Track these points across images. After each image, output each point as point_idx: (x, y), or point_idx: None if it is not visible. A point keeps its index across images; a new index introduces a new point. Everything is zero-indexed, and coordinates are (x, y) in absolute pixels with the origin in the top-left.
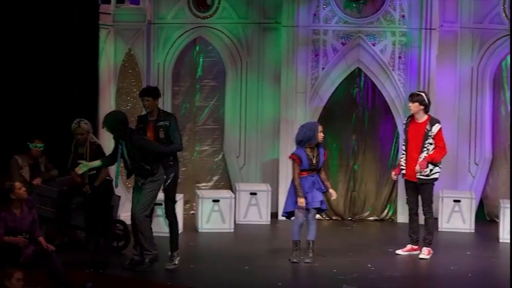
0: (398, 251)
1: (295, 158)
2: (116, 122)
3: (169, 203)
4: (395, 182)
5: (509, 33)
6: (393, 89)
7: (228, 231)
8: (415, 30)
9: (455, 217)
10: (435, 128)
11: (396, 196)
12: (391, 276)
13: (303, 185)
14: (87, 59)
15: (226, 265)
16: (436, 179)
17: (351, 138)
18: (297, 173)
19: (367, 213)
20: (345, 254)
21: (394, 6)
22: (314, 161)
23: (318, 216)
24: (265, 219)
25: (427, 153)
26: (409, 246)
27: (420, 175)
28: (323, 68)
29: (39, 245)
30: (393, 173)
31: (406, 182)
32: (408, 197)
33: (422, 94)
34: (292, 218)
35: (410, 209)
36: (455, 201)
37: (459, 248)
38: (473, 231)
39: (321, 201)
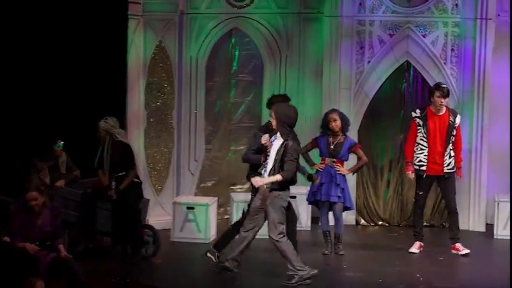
0: (413, 250)
1: (312, 140)
2: (284, 116)
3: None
4: None
5: None
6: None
7: (264, 236)
8: (470, 20)
9: None
10: (458, 120)
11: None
12: None
13: (320, 177)
14: (115, 52)
15: (263, 273)
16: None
17: (398, 137)
18: (304, 148)
19: None
20: (392, 263)
21: None
22: (332, 147)
23: (363, 221)
24: (305, 224)
25: (452, 146)
26: (418, 244)
27: (447, 169)
28: (369, 62)
29: (58, 253)
30: (409, 172)
31: (426, 177)
32: (423, 193)
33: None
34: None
35: (421, 205)
36: None
37: None
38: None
39: (339, 197)
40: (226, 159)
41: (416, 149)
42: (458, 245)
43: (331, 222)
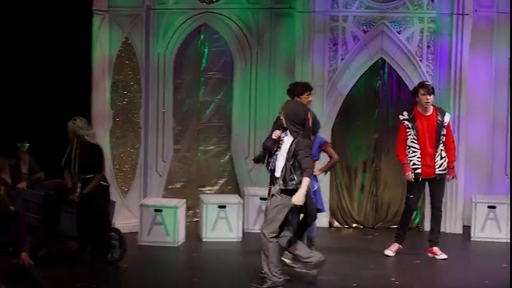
0: (388, 252)
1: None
2: (292, 114)
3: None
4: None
5: None
6: None
7: (236, 240)
8: (446, 15)
9: (490, 225)
10: (447, 118)
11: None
12: None
13: None
14: (79, 49)
15: (233, 279)
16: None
17: (373, 137)
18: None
19: (391, 220)
20: (366, 266)
21: None
22: None
23: (336, 224)
24: None
25: (442, 146)
26: (397, 246)
27: (439, 171)
28: (342, 59)
29: (19, 261)
30: (409, 172)
31: (418, 180)
32: (413, 196)
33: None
34: None
35: (412, 210)
36: (490, 207)
37: (494, 260)
38: (509, 240)
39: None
40: (196, 160)
41: (409, 152)
42: (436, 248)
43: None
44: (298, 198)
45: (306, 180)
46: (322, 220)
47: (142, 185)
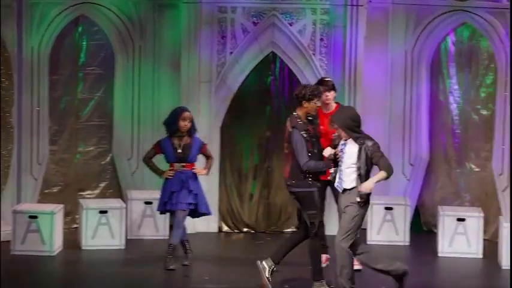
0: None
1: (154, 145)
2: (350, 121)
3: None
4: None
5: (449, 10)
6: (314, 77)
7: (119, 248)
8: (339, 7)
9: (387, 227)
10: None
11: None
12: None
13: (169, 185)
14: None
15: None
16: None
17: (264, 136)
18: (146, 156)
19: (284, 224)
20: (258, 273)
21: None
22: (180, 150)
23: (226, 228)
24: (163, 233)
25: None
26: (325, 256)
27: None
28: (231, 53)
29: None
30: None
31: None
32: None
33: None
34: None
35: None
36: (386, 208)
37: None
38: (407, 243)
39: (190, 204)
40: (74, 162)
41: None
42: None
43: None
44: (367, 186)
45: (381, 174)
46: (211, 225)
47: (15, 189)
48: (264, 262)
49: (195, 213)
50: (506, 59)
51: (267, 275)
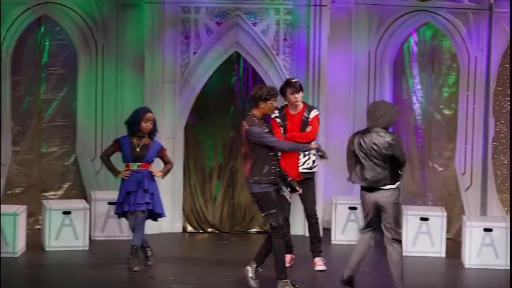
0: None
1: (113, 143)
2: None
3: None
4: None
5: (412, 10)
6: (278, 77)
7: (82, 248)
8: (303, 7)
9: (351, 227)
10: (313, 114)
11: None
12: None
13: (125, 185)
14: None
15: None
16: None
17: (228, 136)
18: (105, 154)
19: (249, 224)
20: (222, 274)
21: None
22: (137, 150)
23: (190, 228)
24: (127, 233)
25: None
26: (289, 257)
27: (302, 168)
28: (195, 53)
29: None
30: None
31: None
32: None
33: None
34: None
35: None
36: (350, 208)
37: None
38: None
39: (148, 204)
40: (37, 163)
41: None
42: (316, 259)
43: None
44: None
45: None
46: (175, 225)
47: None
48: (248, 266)
49: (152, 215)
50: (469, 58)
51: (250, 275)
